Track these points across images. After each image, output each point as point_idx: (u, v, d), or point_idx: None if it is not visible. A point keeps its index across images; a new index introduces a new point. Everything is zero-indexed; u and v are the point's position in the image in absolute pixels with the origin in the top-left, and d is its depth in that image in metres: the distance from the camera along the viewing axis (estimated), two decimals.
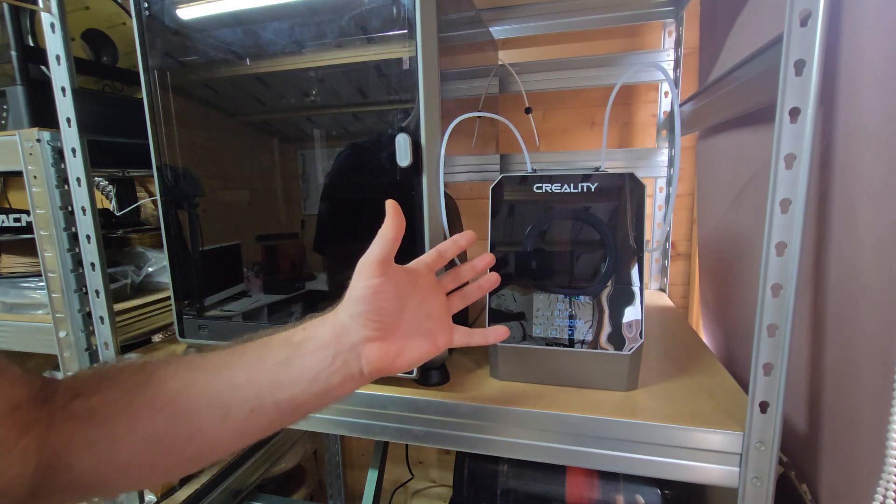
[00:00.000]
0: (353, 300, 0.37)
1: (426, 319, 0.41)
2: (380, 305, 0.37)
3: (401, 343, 0.39)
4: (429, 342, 0.41)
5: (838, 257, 0.43)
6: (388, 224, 0.38)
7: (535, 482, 0.70)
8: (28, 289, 0.78)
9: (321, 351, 0.36)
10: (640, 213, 0.50)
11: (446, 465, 1.24)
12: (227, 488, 0.90)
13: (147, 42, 0.59)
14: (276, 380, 0.35)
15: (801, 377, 0.50)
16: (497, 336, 0.45)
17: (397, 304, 0.39)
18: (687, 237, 0.99)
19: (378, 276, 0.37)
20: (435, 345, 0.41)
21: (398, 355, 0.39)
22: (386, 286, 0.37)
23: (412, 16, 0.48)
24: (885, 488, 0.37)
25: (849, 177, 0.41)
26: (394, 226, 0.38)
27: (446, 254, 0.44)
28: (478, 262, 0.46)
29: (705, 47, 0.81)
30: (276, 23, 0.54)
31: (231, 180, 0.61)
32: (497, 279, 0.48)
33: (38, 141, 0.64)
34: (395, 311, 0.38)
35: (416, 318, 0.40)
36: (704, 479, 0.45)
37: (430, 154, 0.51)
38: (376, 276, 0.37)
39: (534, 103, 0.97)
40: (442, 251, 0.44)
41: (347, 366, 0.37)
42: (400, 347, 0.39)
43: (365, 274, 0.37)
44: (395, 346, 0.38)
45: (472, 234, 0.45)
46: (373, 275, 0.37)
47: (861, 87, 0.39)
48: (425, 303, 0.41)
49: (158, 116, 0.61)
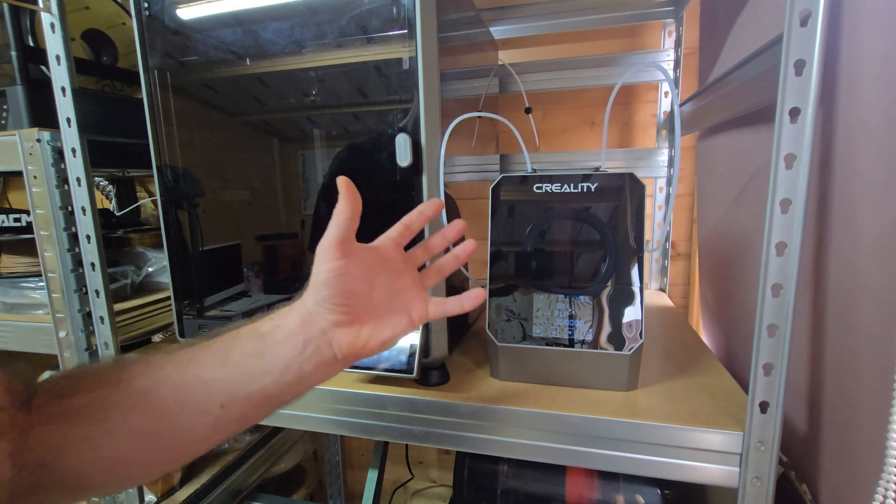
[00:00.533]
0: (318, 285, 0.36)
1: (398, 296, 0.40)
2: (345, 288, 0.36)
3: (372, 324, 0.38)
4: (403, 319, 0.39)
5: (838, 257, 0.43)
6: (342, 203, 0.36)
7: (535, 482, 0.70)
8: (28, 289, 0.78)
9: (290, 340, 0.35)
10: (640, 213, 0.50)
11: (446, 465, 1.24)
12: (227, 488, 0.90)
13: (147, 42, 0.59)
14: (246, 372, 0.34)
15: (801, 377, 0.50)
16: (473, 300, 0.42)
17: (364, 285, 0.37)
18: (687, 237, 0.99)
19: (339, 259, 0.35)
20: (410, 320, 0.39)
21: (370, 337, 0.37)
22: (349, 267, 0.36)
23: (412, 16, 0.48)
24: (885, 488, 0.37)
25: (849, 177, 0.41)
26: (349, 204, 0.36)
27: (413, 226, 0.42)
28: (448, 230, 0.43)
29: (705, 47, 0.81)
30: (276, 23, 0.54)
31: (231, 180, 0.61)
32: (473, 246, 0.44)
33: (38, 141, 0.64)
34: (362, 292, 0.37)
35: (386, 296, 0.39)
36: (704, 479, 0.45)
37: (430, 154, 0.51)
38: (337, 259, 0.35)
39: (534, 103, 0.97)
40: (408, 223, 0.41)
41: (319, 352, 0.36)
42: (372, 329, 0.37)
43: (326, 257, 0.36)
44: (367, 328, 0.37)
45: (438, 201, 0.43)
46: (333, 257, 0.35)
47: (861, 87, 0.39)
48: (396, 280, 0.40)
49: (158, 116, 0.61)
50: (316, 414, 0.56)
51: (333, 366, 0.37)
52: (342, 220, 0.36)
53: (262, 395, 0.35)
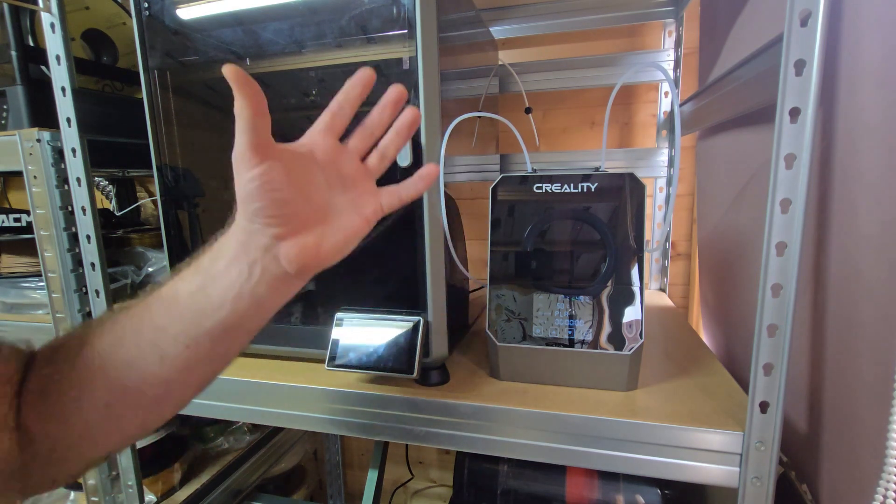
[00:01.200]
0: (244, 200, 0.32)
1: (342, 193, 0.35)
2: (274, 196, 0.32)
3: (320, 229, 0.34)
4: (355, 216, 0.35)
5: (838, 257, 0.43)
6: (239, 100, 0.30)
7: (535, 482, 0.70)
8: (28, 289, 0.78)
9: (233, 267, 0.32)
10: (640, 213, 0.50)
11: (446, 465, 1.24)
12: (227, 488, 0.90)
13: (147, 42, 0.59)
14: (198, 310, 0.32)
15: (801, 377, 0.50)
16: (425, 177, 0.37)
17: (297, 188, 0.33)
18: (687, 237, 0.99)
19: (257, 164, 0.31)
20: (363, 218, 0.36)
21: (320, 243, 0.34)
22: (273, 173, 0.32)
23: (412, 16, 0.48)
24: (885, 488, 0.37)
25: (849, 176, 0.41)
26: (247, 100, 0.30)
27: (342, 109, 0.36)
28: (383, 99, 0.37)
29: (705, 47, 0.81)
30: (276, 23, 0.54)
31: (231, 180, 0.61)
32: (415, 114, 0.38)
33: (38, 141, 0.64)
34: (296, 196, 0.33)
35: (327, 195, 0.35)
36: (704, 479, 0.45)
37: (430, 154, 0.51)
38: (255, 165, 0.31)
39: (534, 103, 0.97)
40: (334, 109, 0.36)
41: (268, 272, 0.33)
42: (320, 235, 0.34)
43: (243, 167, 0.31)
44: (314, 235, 0.34)
45: (367, 72, 0.36)
46: (251, 164, 0.31)
47: (861, 87, 0.39)
48: (333, 175, 0.35)
49: (158, 116, 0.61)
50: (316, 414, 0.56)
51: (289, 282, 0.34)
52: (246, 120, 0.31)
53: (221, 328, 0.33)
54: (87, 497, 0.74)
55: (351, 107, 0.36)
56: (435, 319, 0.53)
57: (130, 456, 0.69)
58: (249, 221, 0.32)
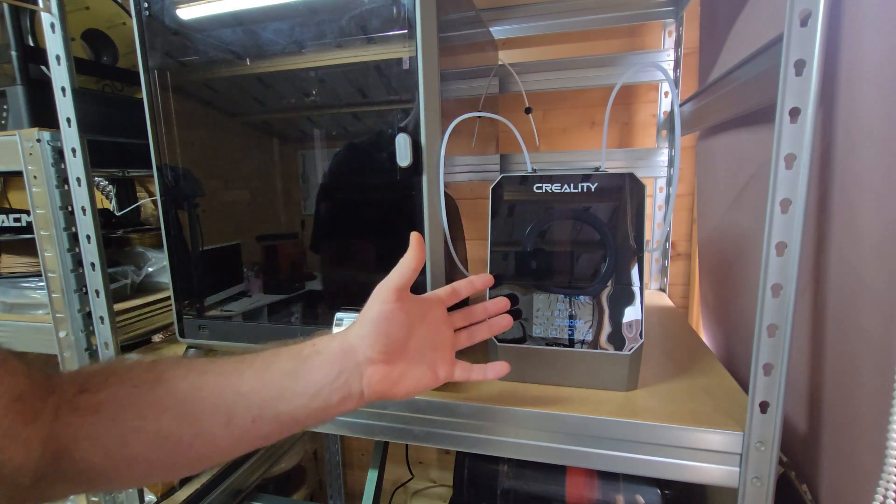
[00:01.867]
0: (365, 321, 0.39)
1: (431, 350, 0.42)
2: (389, 329, 0.38)
3: (403, 369, 0.40)
4: (430, 373, 0.42)
5: (838, 257, 0.43)
6: (410, 254, 0.40)
7: (535, 482, 0.70)
8: (28, 289, 0.78)
9: (327, 366, 0.37)
10: (640, 213, 0.50)
11: (446, 465, 1.24)
12: (227, 488, 0.90)
13: (147, 42, 0.59)
14: (281, 391, 0.36)
15: (801, 377, 0.50)
16: (496, 372, 0.46)
17: (405, 332, 0.40)
18: (687, 237, 0.99)
19: (393, 302, 0.39)
20: (436, 376, 0.42)
21: (398, 381, 0.40)
22: (399, 313, 0.39)
23: (412, 16, 0.48)
24: (885, 488, 0.37)
25: (849, 177, 0.41)
26: (415, 257, 0.40)
27: (461, 292, 0.46)
28: (490, 304, 0.48)
29: (705, 47, 0.81)
30: (276, 23, 0.54)
31: (231, 180, 0.61)
32: (509, 322, 0.49)
33: (38, 141, 0.64)
34: (402, 337, 0.40)
35: (421, 348, 0.41)
36: (704, 479, 0.45)
37: (430, 154, 0.51)
38: (392, 301, 0.39)
39: (534, 103, 0.97)
40: (458, 289, 0.46)
41: (348, 385, 0.37)
42: (401, 374, 0.40)
43: (381, 298, 0.39)
44: (397, 372, 0.39)
45: (489, 277, 0.49)
46: (389, 299, 0.39)
47: (861, 87, 0.39)
48: (432, 334, 0.43)
49: (158, 116, 0.61)
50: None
51: (356, 401, 0.39)
52: (406, 268, 0.39)
53: (289, 416, 0.36)
54: (86, 497, 0.74)
55: (467, 292, 0.47)
56: None
57: None
58: (359, 339, 0.38)
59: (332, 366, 0.37)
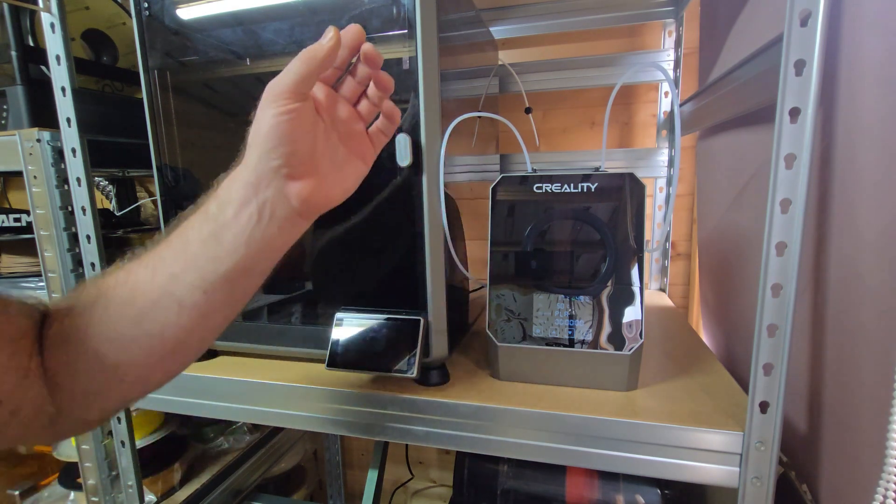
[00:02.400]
0: (264, 134, 0.32)
1: (343, 139, 0.37)
2: (297, 137, 0.33)
3: (328, 168, 0.35)
4: (357, 161, 0.38)
5: (838, 257, 0.43)
6: (319, 46, 0.32)
7: (535, 482, 0.70)
8: (28, 289, 0.78)
9: (242, 211, 0.33)
10: (640, 213, 0.50)
11: (446, 465, 1.24)
12: (227, 488, 0.90)
13: (147, 42, 0.59)
14: (212, 256, 0.33)
15: (801, 377, 0.50)
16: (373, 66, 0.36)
17: (308, 134, 0.34)
18: (687, 237, 0.99)
19: (293, 103, 0.32)
20: (363, 160, 0.39)
21: (328, 180, 0.36)
22: (304, 114, 0.33)
23: (412, 16, 0.48)
24: (885, 488, 0.37)
25: (849, 177, 0.41)
26: (326, 49, 0.32)
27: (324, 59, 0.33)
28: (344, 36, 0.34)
29: (705, 47, 0.81)
30: (276, 23, 0.54)
31: None
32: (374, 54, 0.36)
33: (38, 141, 0.64)
34: (311, 143, 0.34)
35: (331, 140, 0.36)
36: (704, 479, 0.45)
37: (430, 154, 0.51)
38: (294, 101, 0.32)
39: (534, 103, 0.97)
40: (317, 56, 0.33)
41: (278, 213, 0.34)
42: (330, 172, 0.36)
43: (280, 99, 0.32)
44: (322, 172, 0.35)
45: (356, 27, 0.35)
46: (287, 101, 0.32)
47: (861, 87, 0.39)
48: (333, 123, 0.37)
49: (158, 116, 0.61)
50: (316, 414, 0.56)
51: (297, 223, 0.35)
52: (313, 57, 0.32)
53: (238, 271, 0.33)
54: (87, 497, 0.74)
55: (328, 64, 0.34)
56: (435, 319, 0.53)
57: (130, 456, 0.69)
58: (263, 161, 0.33)
59: (247, 207, 0.33)
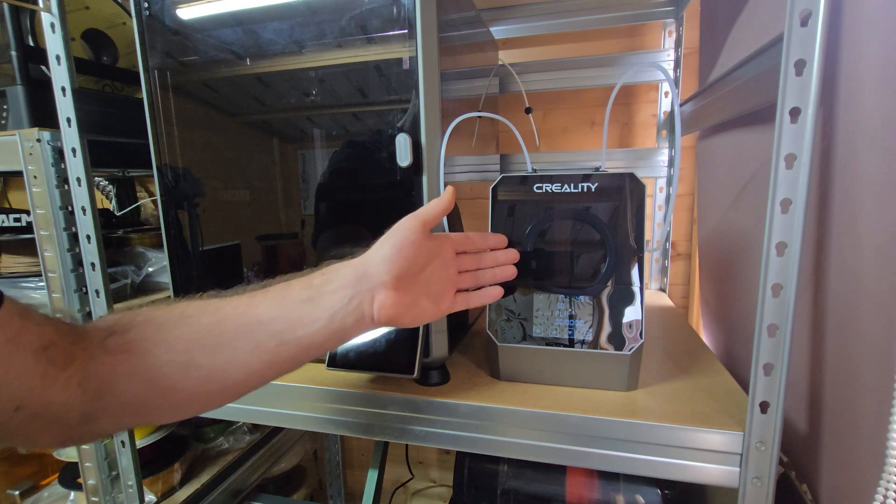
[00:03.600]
0: (388, 244, 0.40)
1: (437, 284, 0.45)
2: (408, 256, 0.40)
3: (413, 298, 0.42)
4: (434, 305, 0.44)
5: (838, 257, 0.43)
6: (442, 198, 0.43)
7: (535, 482, 0.70)
8: (28, 289, 0.78)
9: (340, 291, 0.39)
10: (641, 213, 0.50)
11: (446, 465, 1.24)
12: (227, 488, 0.90)
13: (147, 42, 0.59)
14: (299, 317, 0.38)
15: (801, 377, 0.50)
16: (493, 295, 0.49)
17: (421, 263, 0.42)
18: (687, 237, 0.99)
19: (418, 232, 0.41)
20: (439, 308, 0.45)
21: (408, 308, 0.41)
22: (421, 244, 0.41)
23: (412, 16, 0.48)
24: (885, 488, 0.37)
25: (849, 177, 0.41)
26: (446, 201, 0.43)
27: (474, 241, 0.49)
28: (500, 254, 0.51)
29: (705, 47, 0.81)
30: (276, 23, 0.54)
31: (231, 180, 0.61)
32: (513, 273, 0.50)
33: (38, 141, 0.64)
34: (417, 268, 0.42)
35: (429, 281, 0.44)
36: (705, 479, 0.45)
37: (430, 154, 0.51)
38: (416, 232, 0.41)
39: (534, 103, 0.97)
40: (472, 238, 0.48)
41: (361, 308, 0.39)
42: (412, 302, 0.42)
43: (407, 227, 0.41)
44: (408, 299, 0.41)
45: (503, 238, 0.51)
46: (413, 230, 0.41)
47: (861, 87, 0.39)
48: (441, 270, 0.45)
49: (158, 116, 0.61)
50: (316, 414, 0.56)
51: (369, 324, 0.40)
52: (435, 208, 0.42)
53: (309, 340, 0.38)
54: (87, 497, 0.74)
55: (479, 245, 0.50)
56: None
57: (130, 456, 0.69)
58: (375, 263, 0.40)
59: (346, 290, 0.39)
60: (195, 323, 0.36)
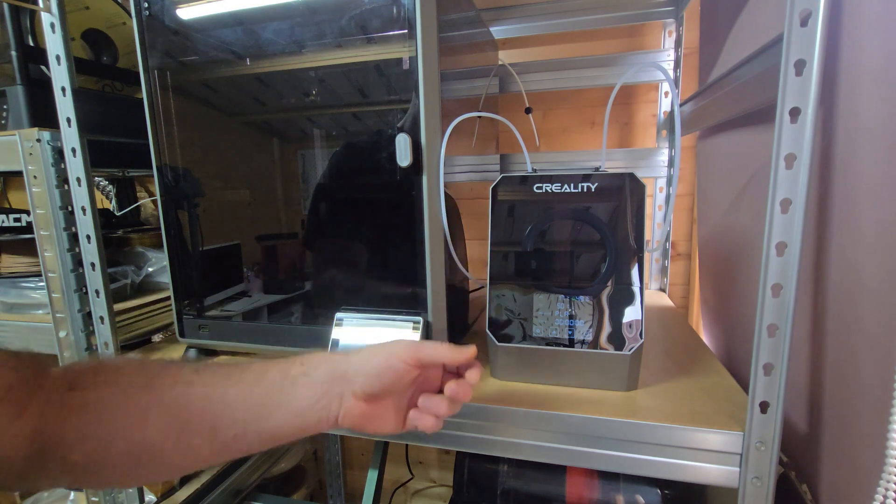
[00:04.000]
0: (372, 363, 0.40)
1: (404, 401, 0.44)
2: (389, 381, 0.39)
3: (380, 412, 0.41)
4: (398, 421, 0.43)
5: (838, 257, 0.43)
6: (458, 351, 0.41)
7: (535, 482, 0.70)
8: (28, 289, 0.78)
9: (313, 387, 0.39)
10: (641, 213, 0.50)
11: (446, 465, 1.24)
12: (227, 488, 0.90)
13: (147, 42, 0.59)
14: (265, 406, 0.37)
15: (801, 377, 0.50)
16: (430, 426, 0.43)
17: (397, 390, 0.41)
18: (687, 237, 0.99)
19: (411, 364, 0.39)
20: (401, 423, 0.44)
21: (372, 420, 0.41)
22: (408, 376, 0.40)
23: (412, 16, 0.48)
24: (885, 488, 0.37)
25: (849, 177, 0.41)
26: (460, 356, 0.41)
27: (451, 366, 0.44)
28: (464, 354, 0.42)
29: (705, 47, 0.81)
30: (276, 23, 0.54)
31: (231, 180, 0.61)
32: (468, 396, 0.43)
33: (38, 141, 0.64)
34: (394, 392, 0.41)
35: (399, 400, 0.43)
36: (705, 479, 0.45)
37: (430, 154, 0.51)
38: (410, 363, 0.39)
39: (534, 103, 0.97)
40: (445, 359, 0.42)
41: (328, 409, 0.39)
42: (377, 415, 0.41)
43: (401, 357, 0.39)
44: (376, 412, 0.41)
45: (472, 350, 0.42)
46: (408, 361, 0.39)
47: (861, 87, 0.39)
48: (409, 392, 0.44)
49: (158, 116, 0.61)
50: None
51: (330, 425, 0.40)
52: (446, 353, 0.40)
53: (269, 434, 0.38)
54: (86, 497, 0.74)
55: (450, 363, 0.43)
56: (435, 319, 0.53)
57: None
58: (355, 373, 0.40)
59: (317, 387, 0.39)
60: (159, 397, 0.35)
